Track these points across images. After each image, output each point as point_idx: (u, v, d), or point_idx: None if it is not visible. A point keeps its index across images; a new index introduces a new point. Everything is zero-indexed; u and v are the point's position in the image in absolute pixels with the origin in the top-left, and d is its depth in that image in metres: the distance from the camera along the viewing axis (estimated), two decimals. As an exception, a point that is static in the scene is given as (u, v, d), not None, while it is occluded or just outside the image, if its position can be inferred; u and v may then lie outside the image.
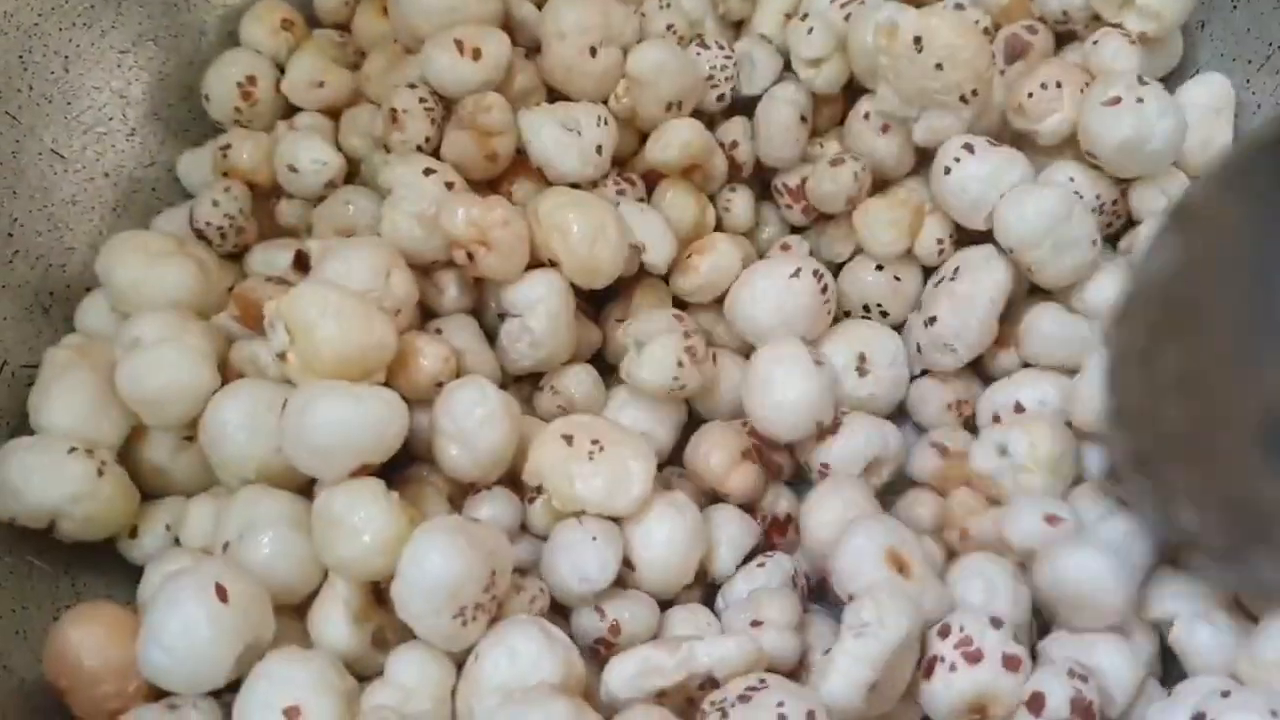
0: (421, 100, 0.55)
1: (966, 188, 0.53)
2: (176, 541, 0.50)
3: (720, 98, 0.59)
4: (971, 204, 0.53)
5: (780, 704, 0.39)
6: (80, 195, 0.59)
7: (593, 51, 0.56)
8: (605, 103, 0.57)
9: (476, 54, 0.55)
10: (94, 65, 0.60)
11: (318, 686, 0.41)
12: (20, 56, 0.56)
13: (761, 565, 0.51)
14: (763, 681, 0.41)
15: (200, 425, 0.48)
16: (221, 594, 0.42)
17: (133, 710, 0.43)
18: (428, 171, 0.53)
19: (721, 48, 0.59)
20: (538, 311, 0.52)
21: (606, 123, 0.56)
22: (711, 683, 0.42)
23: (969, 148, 0.53)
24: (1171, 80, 0.59)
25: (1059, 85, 0.55)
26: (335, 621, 0.45)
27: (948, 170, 0.53)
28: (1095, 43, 0.57)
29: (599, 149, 0.55)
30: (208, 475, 0.50)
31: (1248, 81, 0.58)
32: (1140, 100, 0.52)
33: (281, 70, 0.63)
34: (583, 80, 0.57)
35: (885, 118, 0.56)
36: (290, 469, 0.46)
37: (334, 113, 0.62)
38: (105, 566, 0.51)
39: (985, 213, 0.53)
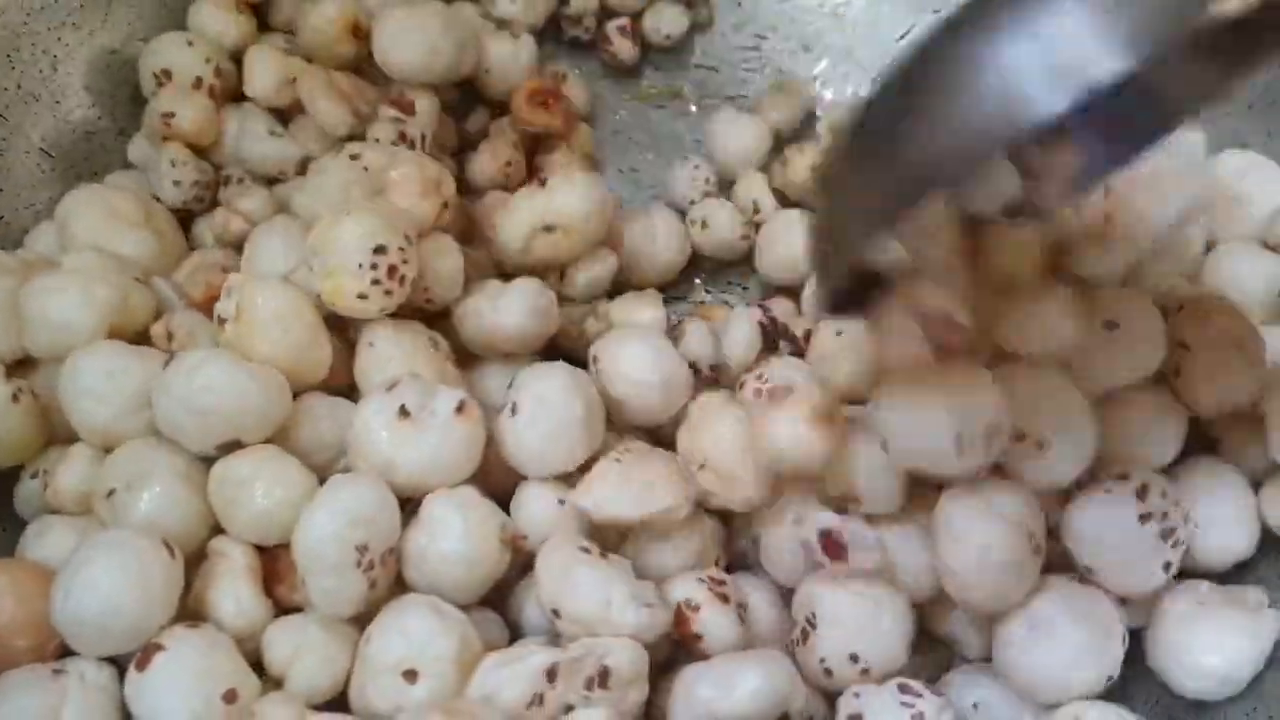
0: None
1: None
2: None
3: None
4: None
5: None
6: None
7: None
8: None
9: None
10: (83, 64, 0.60)
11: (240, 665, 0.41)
12: (9, 55, 0.56)
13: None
14: None
15: (60, 378, 0.46)
16: (169, 549, 0.41)
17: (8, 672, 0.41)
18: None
19: None
20: None
21: None
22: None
23: None
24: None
25: None
26: (235, 592, 0.44)
27: None
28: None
29: None
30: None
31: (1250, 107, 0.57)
32: None
33: (236, 60, 0.60)
34: None
35: None
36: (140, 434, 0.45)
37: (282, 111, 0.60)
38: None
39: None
